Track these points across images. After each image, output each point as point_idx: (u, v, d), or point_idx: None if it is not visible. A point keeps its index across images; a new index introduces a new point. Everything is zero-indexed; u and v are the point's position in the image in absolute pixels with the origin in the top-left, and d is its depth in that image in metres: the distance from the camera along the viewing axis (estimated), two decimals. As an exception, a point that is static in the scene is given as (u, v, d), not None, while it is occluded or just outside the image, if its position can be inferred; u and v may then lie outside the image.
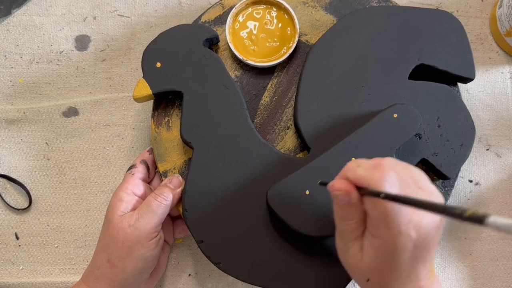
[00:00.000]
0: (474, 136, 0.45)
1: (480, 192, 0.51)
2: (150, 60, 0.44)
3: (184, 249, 0.50)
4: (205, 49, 0.45)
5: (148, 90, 0.43)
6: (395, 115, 0.42)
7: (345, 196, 0.32)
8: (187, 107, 0.43)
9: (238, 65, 0.47)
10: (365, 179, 0.31)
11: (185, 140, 0.43)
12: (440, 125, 0.44)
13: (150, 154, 0.46)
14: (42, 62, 0.52)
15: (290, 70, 0.47)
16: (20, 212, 0.50)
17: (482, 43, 0.54)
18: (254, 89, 0.47)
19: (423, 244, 0.31)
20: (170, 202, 0.42)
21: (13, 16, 0.53)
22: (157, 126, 0.46)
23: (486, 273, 0.50)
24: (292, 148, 0.46)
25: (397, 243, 0.31)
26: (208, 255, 0.42)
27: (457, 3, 0.55)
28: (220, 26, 0.47)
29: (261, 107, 0.46)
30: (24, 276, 0.49)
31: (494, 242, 0.50)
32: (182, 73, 0.44)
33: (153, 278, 0.45)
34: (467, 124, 0.45)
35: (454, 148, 0.44)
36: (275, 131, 0.46)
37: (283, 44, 0.47)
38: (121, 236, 0.40)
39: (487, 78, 0.53)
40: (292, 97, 0.47)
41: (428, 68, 0.45)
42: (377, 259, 0.32)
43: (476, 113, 0.52)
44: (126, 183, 0.43)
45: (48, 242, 0.50)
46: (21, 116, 0.51)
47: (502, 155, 0.52)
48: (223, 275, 0.49)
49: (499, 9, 0.52)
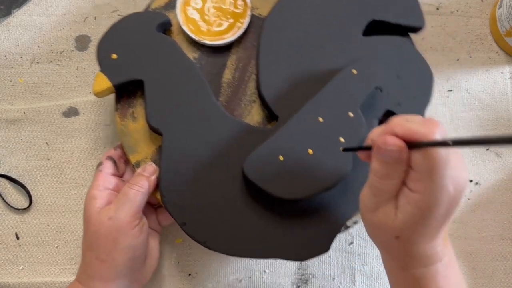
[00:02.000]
0: (433, 81, 0.46)
1: (480, 192, 0.51)
2: (105, 52, 0.44)
3: (184, 249, 0.50)
4: (159, 35, 0.45)
5: (108, 83, 0.43)
6: (354, 71, 0.42)
7: (397, 152, 0.31)
8: (149, 95, 0.43)
9: (194, 46, 0.47)
10: (420, 132, 0.30)
11: (153, 127, 0.43)
12: (399, 76, 0.45)
13: (115, 150, 0.46)
14: (42, 62, 0.52)
15: (247, 45, 0.47)
16: (20, 212, 0.50)
17: (482, 43, 0.54)
18: (214, 68, 0.47)
19: (456, 201, 0.31)
20: (147, 189, 0.42)
21: (13, 16, 0.53)
22: (122, 119, 0.45)
23: (486, 273, 0.50)
24: (260, 120, 0.46)
25: (437, 197, 0.30)
26: (192, 235, 0.42)
27: (457, 3, 0.55)
28: (171, 11, 0.47)
29: (224, 85, 0.47)
30: (24, 276, 0.49)
31: (494, 242, 0.50)
32: (139, 61, 0.44)
33: (149, 266, 0.45)
34: (424, 70, 0.46)
35: (415, 96, 0.45)
36: (241, 106, 0.46)
37: (237, 20, 0.47)
38: (103, 230, 0.40)
39: (487, 78, 0.53)
40: (253, 71, 0.47)
41: (380, 23, 0.46)
42: (413, 216, 0.32)
43: (476, 113, 0.52)
44: (96, 181, 0.43)
45: (48, 242, 0.50)
46: (21, 116, 0.51)
47: (502, 155, 0.52)
48: (223, 275, 0.49)
49: (499, 9, 0.52)
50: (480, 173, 0.52)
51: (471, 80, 0.53)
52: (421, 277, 0.35)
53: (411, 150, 0.31)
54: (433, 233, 0.33)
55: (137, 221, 0.41)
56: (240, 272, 0.49)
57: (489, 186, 0.51)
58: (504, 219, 0.51)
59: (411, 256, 0.34)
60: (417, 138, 0.31)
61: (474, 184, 0.51)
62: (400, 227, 0.33)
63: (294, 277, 0.49)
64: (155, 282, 0.49)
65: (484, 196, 0.51)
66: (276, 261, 0.50)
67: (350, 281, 0.49)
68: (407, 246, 0.34)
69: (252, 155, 0.41)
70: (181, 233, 0.49)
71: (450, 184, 0.30)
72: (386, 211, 0.33)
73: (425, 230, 0.33)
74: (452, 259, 0.35)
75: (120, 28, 0.44)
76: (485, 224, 0.51)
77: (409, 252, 0.34)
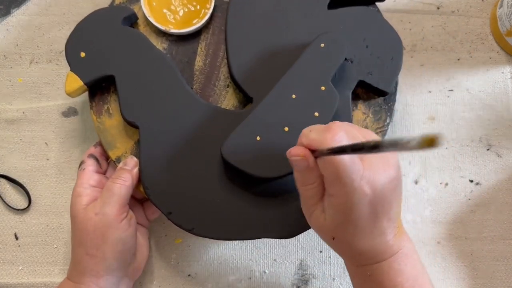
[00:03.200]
0: (401, 47, 0.46)
1: (481, 192, 0.51)
2: (73, 51, 0.44)
3: (184, 249, 0.50)
4: (126, 28, 0.45)
5: (79, 82, 0.43)
6: (322, 45, 0.43)
7: (303, 161, 0.34)
8: (122, 89, 0.44)
9: (163, 37, 0.47)
10: (317, 140, 0.33)
11: (129, 121, 0.43)
12: (368, 45, 0.45)
13: (96, 148, 0.46)
14: (42, 62, 0.52)
15: (215, 30, 0.47)
16: (20, 212, 0.50)
17: (482, 43, 0.54)
18: (185, 56, 0.47)
19: (381, 200, 0.33)
20: (130, 182, 0.42)
21: (12, 16, 0.53)
22: (98, 116, 0.45)
23: (486, 273, 0.50)
24: (237, 104, 0.46)
25: (352, 199, 0.32)
26: (179, 224, 0.42)
27: (457, 2, 0.55)
28: (136, 3, 0.47)
29: (197, 73, 0.47)
30: (24, 276, 0.49)
31: (495, 242, 0.50)
32: (108, 57, 0.44)
33: (139, 261, 0.45)
34: (392, 37, 0.46)
35: (385, 63, 0.45)
36: (216, 92, 0.47)
37: (202, 7, 0.47)
38: (90, 226, 0.40)
39: (487, 78, 0.53)
40: (224, 55, 0.47)
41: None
42: (337, 217, 0.34)
43: (477, 113, 0.52)
44: (80, 179, 0.44)
45: (48, 242, 0.50)
46: (20, 116, 0.51)
47: (502, 155, 0.52)
48: (223, 275, 0.49)
49: (500, 9, 0.52)
50: (480, 173, 0.51)
51: (471, 80, 0.53)
52: (373, 273, 0.36)
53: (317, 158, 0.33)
54: (367, 231, 0.34)
55: (124, 214, 0.41)
56: (240, 273, 0.49)
57: (489, 186, 0.51)
58: (504, 219, 0.51)
59: (359, 254, 0.35)
60: (315, 146, 0.33)
61: (474, 184, 0.51)
62: (331, 229, 0.35)
63: (294, 278, 0.49)
64: (155, 282, 0.49)
65: (485, 196, 0.51)
66: (276, 261, 0.49)
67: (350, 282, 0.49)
68: (346, 246, 0.36)
69: (229, 138, 0.41)
70: (180, 233, 0.49)
71: (365, 185, 0.32)
72: (317, 215, 0.35)
73: (356, 230, 0.34)
74: (408, 253, 0.36)
75: (86, 25, 0.45)
76: (486, 224, 0.51)
77: (354, 251, 0.35)
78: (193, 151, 0.43)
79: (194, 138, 0.43)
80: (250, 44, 0.45)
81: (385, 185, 0.32)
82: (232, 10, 0.46)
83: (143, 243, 0.46)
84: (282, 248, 0.50)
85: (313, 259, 0.50)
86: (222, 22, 0.47)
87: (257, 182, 0.43)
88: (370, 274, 0.36)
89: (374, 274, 0.36)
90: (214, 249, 0.50)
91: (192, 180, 0.43)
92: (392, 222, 0.35)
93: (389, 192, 0.33)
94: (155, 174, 0.43)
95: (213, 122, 0.44)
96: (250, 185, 0.43)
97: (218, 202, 0.43)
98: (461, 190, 0.51)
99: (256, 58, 0.45)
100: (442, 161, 0.52)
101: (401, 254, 0.35)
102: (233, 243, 0.50)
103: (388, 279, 0.35)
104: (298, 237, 0.50)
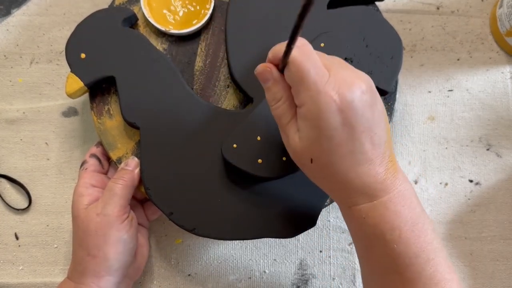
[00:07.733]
0: (401, 46, 0.46)
1: (481, 192, 0.51)
2: (73, 53, 0.44)
3: (184, 249, 0.50)
4: (126, 29, 0.45)
5: (80, 83, 0.43)
6: (322, 45, 0.43)
7: (267, 72, 0.34)
8: (122, 90, 0.44)
9: (163, 38, 0.47)
10: (279, 50, 0.33)
11: (129, 122, 0.43)
12: (368, 45, 0.45)
13: (97, 147, 0.46)
14: (42, 62, 0.52)
15: (215, 31, 0.48)
16: (20, 212, 0.50)
17: (482, 43, 0.54)
18: (185, 57, 0.47)
19: (353, 113, 0.31)
20: (132, 182, 0.42)
21: (12, 16, 0.53)
22: (99, 117, 0.45)
23: (486, 273, 0.50)
24: (237, 104, 0.47)
25: (319, 104, 0.31)
26: (181, 224, 0.42)
27: (457, 2, 0.55)
28: (135, 4, 0.47)
29: (197, 73, 0.47)
30: (24, 276, 0.49)
31: (495, 242, 0.50)
32: (108, 58, 0.44)
33: (139, 262, 0.45)
34: (392, 37, 0.46)
35: (385, 63, 0.45)
36: (216, 92, 0.47)
37: (202, 7, 0.47)
38: (92, 226, 0.40)
39: (487, 78, 0.53)
40: (224, 56, 0.47)
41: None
42: (310, 131, 0.32)
43: (477, 113, 0.52)
44: (81, 179, 0.44)
45: (48, 242, 0.50)
46: (20, 116, 0.51)
47: (502, 155, 0.52)
48: (223, 275, 0.49)
49: (499, 9, 0.52)
50: (480, 173, 0.51)
51: (471, 80, 0.53)
52: (368, 215, 0.33)
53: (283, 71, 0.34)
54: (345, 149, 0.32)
55: (125, 215, 0.41)
56: (240, 272, 0.49)
57: (489, 186, 0.51)
58: (504, 219, 0.51)
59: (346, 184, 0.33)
60: (278, 56, 0.33)
61: (474, 184, 0.51)
62: (306, 146, 0.33)
63: (294, 277, 0.49)
64: (155, 282, 0.49)
65: (485, 196, 0.51)
66: (276, 261, 0.50)
67: (350, 281, 0.49)
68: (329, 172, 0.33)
69: (230, 138, 0.41)
70: (181, 233, 0.50)
71: (331, 90, 0.31)
72: (292, 136, 0.34)
73: (331, 146, 0.32)
74: (406, 193, 0.34)
75: (86, 26, 0.45)
76: (486, 224, 0.51)
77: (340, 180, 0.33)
78: (193, 151, 0.43)
79: (194, 139, 0.43)
80: (250, 44, 0.45)
81: (356, 96, 0.31)
82: (232, 10, 0.46)
83: (143, 243, 0.46)
84: (282, 248, 0.50)
85: (313, 259, 0.50)
86: (222, 22, 0.48)
87: (259, 182, 0.43)
88: (365, 217, 0.33)
89: (369, 216, 0.33)
90: (214, 249, 0.50)
91: (193, 180, 0.43)
92: (378, 148, 0.33)
93: (362, 106, 0.31)
94: (156, 175, 0.43)
95: (214, 122, 0.44)
96: (252, 185, 0.43)
97: (219, 202, 0.43)
98: (460, 190, 0.51)
99: (256, 58, 0.45)
100: (442, 161, 0.52)
101: (398, 194, 0.33)
102: (233, 243, 0.50)
103: (384, 222, 0.33)
104: (298, 237, 0.50)
